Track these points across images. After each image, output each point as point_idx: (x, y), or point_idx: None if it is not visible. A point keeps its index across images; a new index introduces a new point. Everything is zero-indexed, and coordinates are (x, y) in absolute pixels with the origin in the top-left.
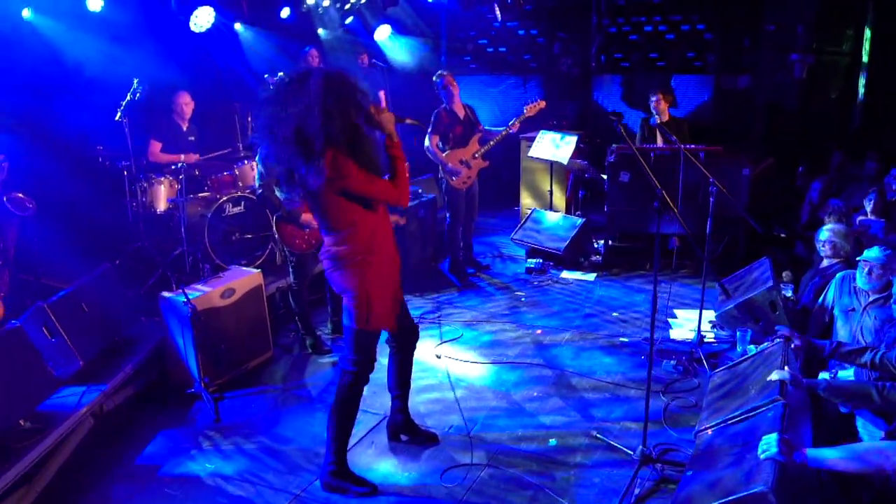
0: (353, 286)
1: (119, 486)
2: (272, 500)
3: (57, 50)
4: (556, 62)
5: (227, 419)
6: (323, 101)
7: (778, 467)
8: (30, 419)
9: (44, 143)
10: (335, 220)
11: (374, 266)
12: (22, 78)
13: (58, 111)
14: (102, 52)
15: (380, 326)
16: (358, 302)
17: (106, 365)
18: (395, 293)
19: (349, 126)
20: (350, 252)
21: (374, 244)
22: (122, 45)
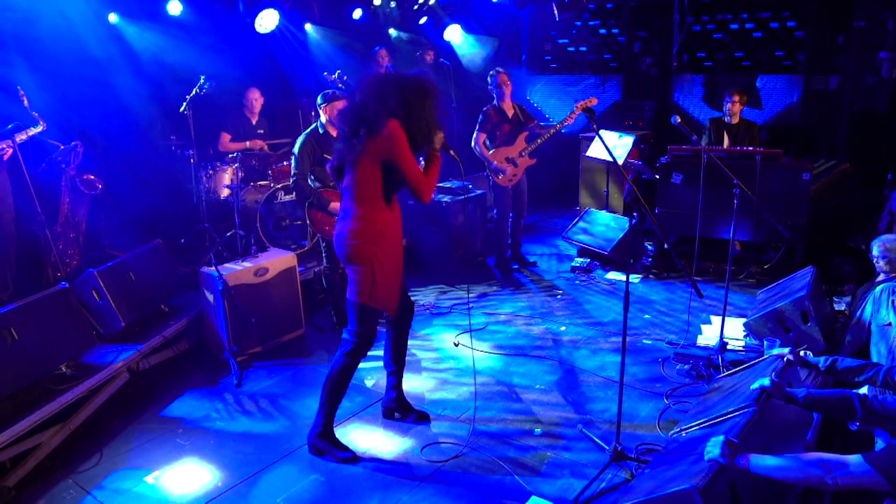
0: (360, 263)
1: (140, 434)
2: (265, 457)
3: (137, 50)
4: (636, 61)
5: (248, 385)
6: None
7: (716, 469)
8: (71, 367)
9: (122, 133)
10: (363, 194)
11: (383, 249)
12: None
13: (136, 104)
14: (177, 51)
15: (380, 305)
16: (362, 277)
17: (147, 329)
18: (398, 277)
19: (422, 117)
20: (365, 231)
21: (388, 229)
22: (194, 45)
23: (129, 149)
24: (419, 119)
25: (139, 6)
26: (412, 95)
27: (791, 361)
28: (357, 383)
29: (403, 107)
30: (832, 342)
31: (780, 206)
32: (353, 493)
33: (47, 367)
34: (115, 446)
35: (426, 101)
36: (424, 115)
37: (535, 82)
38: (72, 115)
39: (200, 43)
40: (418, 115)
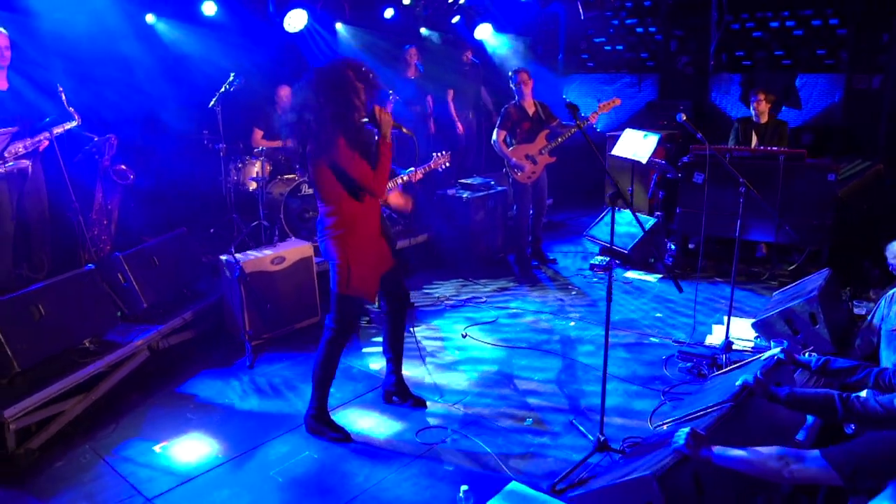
0: (336, 255)
1: (155, 407)
2: (266, 434)
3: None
4: (672, 60)
5: (259, 368)
6: (322, 90)
7: (678, 458)
8: (94, 343)
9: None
10: (325, 193)
11: (355, 240)
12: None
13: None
14: (210, 49)
15: (357, 293)
16: (339, 269)
17: (169, 311)
18: (375, 267)
19: (344, 114)
20: (334, 225)
21: (356, 221)
22: (225, 44)
23: (163, 142)
24: (347, 112)
25: (176, 7)
26: (330, 92)
27: (782, 361)
28: (363, 369)
29: (329, 109)
30: (844, 345)
31: (804, 208)
32: (342, 468)
33: (72, 342)
34: (131, 418)
35: (346, 82)
36: (359, 97)
37: (571, 81)
38: (108, 109)
39: (232, 42)
40: (352, 104)
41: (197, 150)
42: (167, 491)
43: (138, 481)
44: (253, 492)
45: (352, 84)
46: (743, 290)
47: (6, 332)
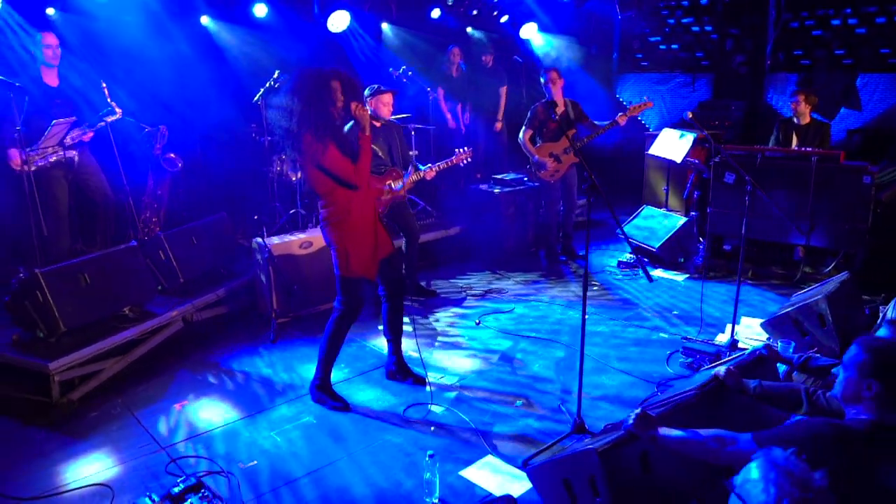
0: (334, 241)
1: (182, 371)
2: (274, 400)
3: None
4: (727, 59)
5: (281, 343)
6: (298, 96)
7: (623, 437)
8: (134, 311)
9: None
10: (318, 186)
11: (350, 226)
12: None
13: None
14: (258, 48)
15: (357, 274)
16: (338, 253)
17: (204, 287)
18: (373, 250)
19: (323, 115)
20: (330, 214)
21: (351, 209)
22: (273, 43)
23: (212, 134)
24: (330, 114)
25: (229, 9)
26: (314, 95)
27: (764, 356)
28: (374, 348)
29: (312, 112)
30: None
31: (838, 210)
32: (334, 433)
33: (113, 309)
34: (160, 380)
35: (328, 91)
36: (336, 106)
37: (625, 80)
38: (161, 103)
39: (278, 41)
40: (329, 111)
41: (244, 141)
42: (180, 441)
43: (157, 433)
44: (251, 448)
45: (335, 92)
46: (773, 292)
47: (55, 296)
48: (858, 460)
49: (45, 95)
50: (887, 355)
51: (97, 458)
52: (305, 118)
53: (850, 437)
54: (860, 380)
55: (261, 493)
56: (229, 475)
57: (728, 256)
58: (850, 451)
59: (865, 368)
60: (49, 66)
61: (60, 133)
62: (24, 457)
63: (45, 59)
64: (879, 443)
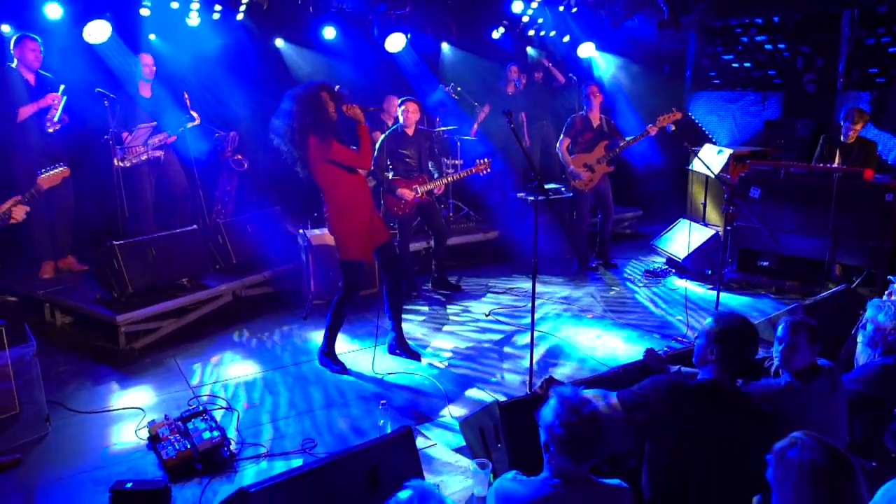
0: (336, 230)
1: (224, 336)
2: (289, 362)
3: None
4: (798, 78)
5: (312, 320)
6: (298, 109)
7: (528, 396)
8: (191, 283)
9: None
10: (321, 182)
11: (349, 217)
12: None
13: None
14: (324, 67)
15: (355, 257)
16: (338, 240)
17: (254, 269)
18: (369, 238)
19: (327, 115)
20: (331, 207)
21: (349, 201)
22: (335, 63)
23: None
24: (327, 119)
25: (301, 33)
26: (308, 110)
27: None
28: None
29: (308, 122)
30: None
31: (861, 227)
32: (330, 389)
33: (173, 279)
34: (205, 340)
35: (319, 103)
36: (327, 113)
37: (696, 98)
38: (236, 112)
39: (340, 61)
40: (323, 118)
41: None
42: (206, 384)
43: (191, 377)
44: (261, 394)
45: (325, 101)
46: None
47: (126, 263)
48: (690, 411)
49: (139, 104)
50: (727, 323)
51: (141, 390)
52: (307, 125)
53: (684, 391)
54: (706, 345)
55: (251, 425)
56: (233, 411)
57: (763, 272)
58: (682, 403)
59: (710, 335)
60: (146, 80)
61: (144, 135)
62: (89, 385)
63: (143, 75)
64: (711, 397)
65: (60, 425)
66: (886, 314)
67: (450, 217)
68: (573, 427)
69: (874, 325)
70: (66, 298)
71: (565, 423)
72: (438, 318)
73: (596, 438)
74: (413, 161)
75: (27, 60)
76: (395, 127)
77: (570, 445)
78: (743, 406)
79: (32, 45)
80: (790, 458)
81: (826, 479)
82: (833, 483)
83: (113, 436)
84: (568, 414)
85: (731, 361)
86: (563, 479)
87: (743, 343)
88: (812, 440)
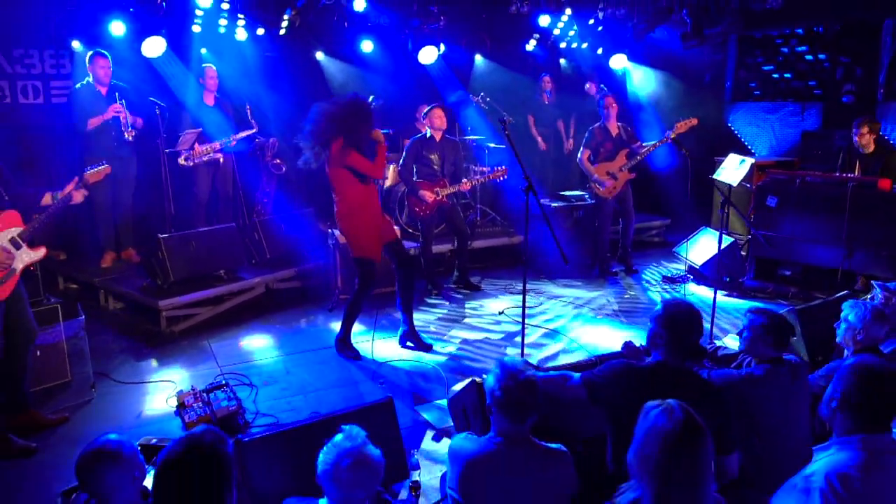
0: (346, 230)
1: (255, 322)
2: (313, 344)
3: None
4: (837, 89)
5: (338, 312)
6: (344, 113)
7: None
8: (227, 274)
9: None
10: (336, 184)
11: (359, 217)
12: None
13: None
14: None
15: (366, 255)
16: (350, 239)
17: (286, 264)
18: (378, 236)
19: (361, 129)
20: (341, 209)
21: (357, 203)
22: (371, 74)
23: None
24: (359, 131)
25: (340, 46)
26: (348, 117)
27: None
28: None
29: (343, 127)
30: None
31: (876, 236)
32: (345, 371)
33: (211, 269)
34: (238, 326)
35: (359, 116)
36: (363, 127)
37: (736, 109)
38: (277, 119)
39: (375, 73)
40: (357, 129)
41: None
42: (232, 364)
43: (220, 357)
44: (281, 374)
45: (368, 119)
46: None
47: (170, 254)
48: (640, 391)
49: (203, 111)
50: (673, 309)
51: (175, 366)
52: (341, 130)
53: (635, 372)
54: (656, 330)
55: (267, 399)
56: (253, 387)
57: (781, 280)
58: (633, 383)
59: (659, 321)
60: (209, 90)
61: (190, 140)
62: (132, 360)
63: (207, 86)
64: (659, 378)
65: (104, 392)
66: (856, 315)
67: (476, 221)
68: (510, 391)
69: (846, 325)
70: (117, 286)
71: (504, 387)
72: (454, 314)
73: (530, 401)
74: (437, 165)
75: (98, 76)
76: (424, 133)
77: (508, 407)
78: (690, 383)
79: (103, 62)
80: (649, 413)
81: (670, 439)
82: (675, 445)
83: (147, 403)
84: (507, 379)
85: (677, 344)
86: (505, 438)
87: (688, 328)
88: (677, 406)
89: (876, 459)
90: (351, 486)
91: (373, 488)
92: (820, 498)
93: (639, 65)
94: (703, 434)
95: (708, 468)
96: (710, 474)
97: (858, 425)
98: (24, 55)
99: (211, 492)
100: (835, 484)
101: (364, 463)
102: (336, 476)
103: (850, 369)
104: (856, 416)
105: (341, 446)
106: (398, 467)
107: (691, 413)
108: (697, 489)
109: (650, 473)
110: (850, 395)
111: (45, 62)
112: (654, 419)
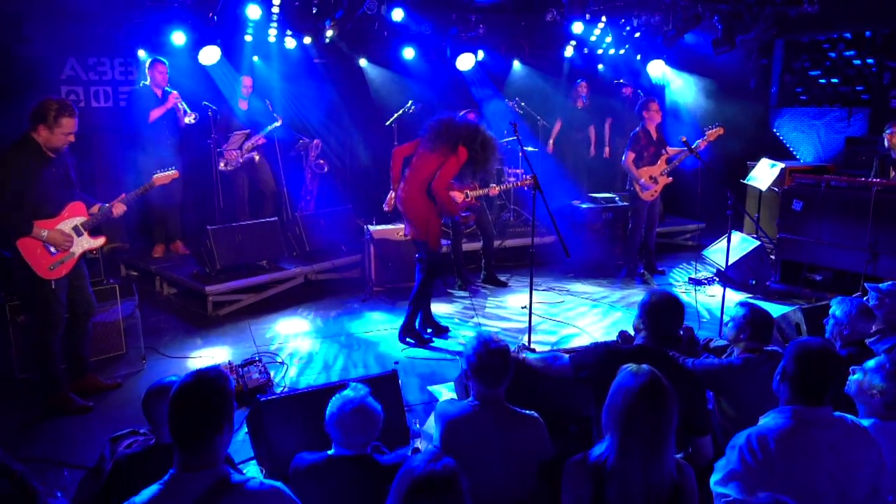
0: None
1: (292, 308)
2: (333, 333)
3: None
4: (886, 94)
5: (371, 302)
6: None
7: None
8: (269, 265)
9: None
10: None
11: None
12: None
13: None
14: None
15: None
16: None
17: (324, 256)
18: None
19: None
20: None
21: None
22: (409, 80)
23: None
24: (477, 163)
25: (383, 53)
26: (478, 143)
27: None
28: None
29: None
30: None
31: None
32: (373, 353)
33: (254, 259)
34: (277, 312)
35: (487, 149)
36: (484, 159)
37: (781, 115)
38: (320, 122)
39: (414, 79)
40: (478, 161)
41: (377, 154)
42: (269, 344)
43: (257, 338)
44: (311, 353)
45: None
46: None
47: (217, 244)
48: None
49: (237, 115)
50: (654, 300)
51: (217, 345)
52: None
53: (617, 353)
54: (640, 316)
55: (297, 375)
56: (284, 364)
57: (807, 284)
58: (617, 364)
59: (643, 309)
60: (244, 97)
61: (238, 140)
62: (179, 338)
63: (242, 94)
64: (637, 360)
65: (153, 364)
66: (842, 310)
67: (510, 221)
68: (483, 357)
69: (833, 321)
70: (170, 273)
71: (477, 354)
72: (478, 307)
73: (501, 367)
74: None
75: (156, 80)
76: None
77: (481, 372)
78: (668, 366)
79: (161, 67)
80: (622, 372)
81: (634, 391)
82: (638, 396)
83: None
84: (480, 347)
85: (657, 331)
86: (481, 402)
87: (668, 316)
88: (647, 369)
89: (802, 429)
90: (353, 430)
91: (372, 434)
92: (737, 454)
93: (677, 70)
94: (666, 393)
95: (669, 427)
96: (671, 435)
97: (795, 397)
98: (97, 63)
99: (210, 414)
100: (753, 443)
101: (365, 411)
102: (341, 420)
103: (793, 346)
104: (792, 387)
105: (346, 396)
106: (399, 432)
107: (659, 375)
108: (659, 445)
109: (615, 423)
110: (789, 368)
111: (115, 69)
112: (624, 376)
